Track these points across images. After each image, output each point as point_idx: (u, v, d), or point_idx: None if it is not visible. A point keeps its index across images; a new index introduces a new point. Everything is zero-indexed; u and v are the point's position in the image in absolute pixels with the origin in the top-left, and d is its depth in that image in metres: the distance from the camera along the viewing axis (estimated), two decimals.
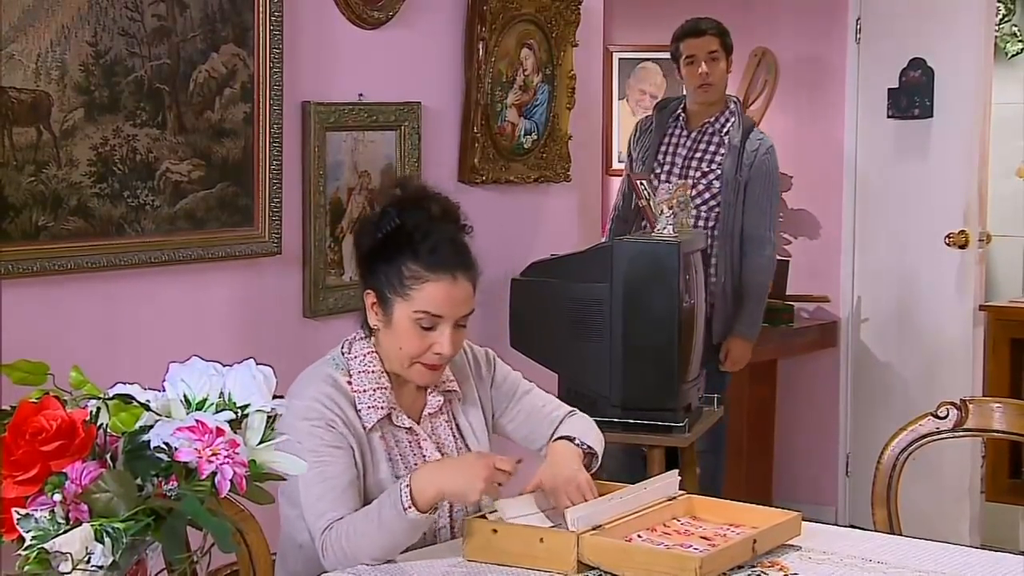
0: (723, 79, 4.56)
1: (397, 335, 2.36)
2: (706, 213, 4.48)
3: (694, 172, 4.50)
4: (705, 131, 4.55)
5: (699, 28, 4.57)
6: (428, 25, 3.72)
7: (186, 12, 3.02)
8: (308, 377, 2.40)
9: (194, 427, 1.49)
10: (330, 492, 2.28)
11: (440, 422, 2.48)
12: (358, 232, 2.52)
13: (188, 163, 3.06)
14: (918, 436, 2.69)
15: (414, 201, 2.43)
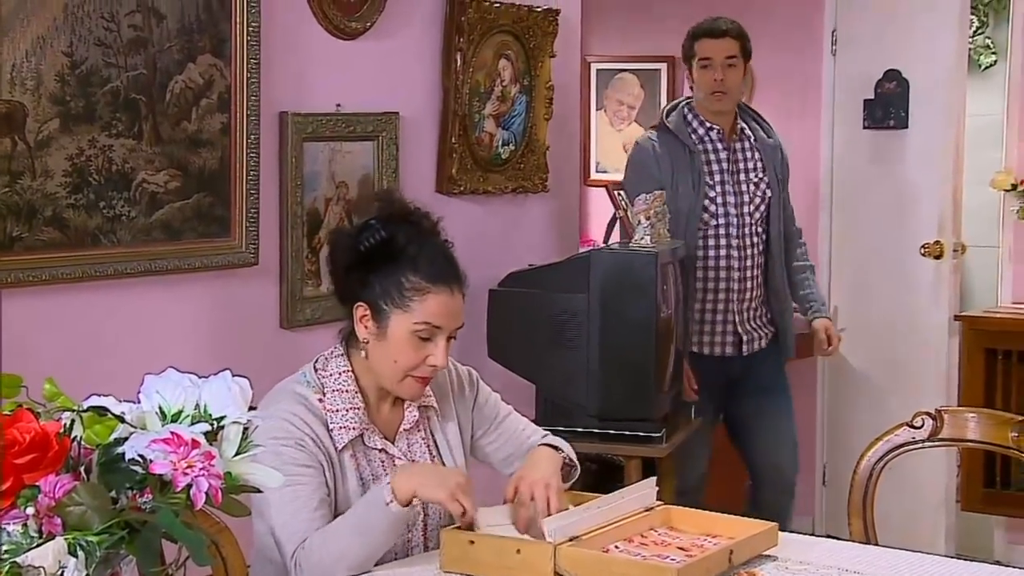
0: (739, 87, 4.19)
1: (392, 348, 2.35)
2: (761, 227, 4.19)
3: (745, 185, 4.17)
4: (739, 138, 4.22)
5: (718, 29, 4.14)
6: (406, 36, 3.72)
7: (163, 22, 3.02)
8: (277, 395, 2.38)
9: (169, 439, 1.48)
10: (302, 511, 2.27)
11: (416, 438, 2.47)
12: (335, 246, 2.49)
13: (164, 173, 3.05)
14: (894, 446, 2.71)
15: (402, 215, 2.43)
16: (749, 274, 4.15)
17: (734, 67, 4.09)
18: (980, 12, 6.08)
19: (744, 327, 4.16)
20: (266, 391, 2.36)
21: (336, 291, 2.47)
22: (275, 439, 2.27)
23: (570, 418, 3.72)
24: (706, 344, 4.15)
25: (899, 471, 2.84)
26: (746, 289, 4.14)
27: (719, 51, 4.09)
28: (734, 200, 4.12)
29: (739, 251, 4.12)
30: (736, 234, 4.12)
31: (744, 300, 4.15)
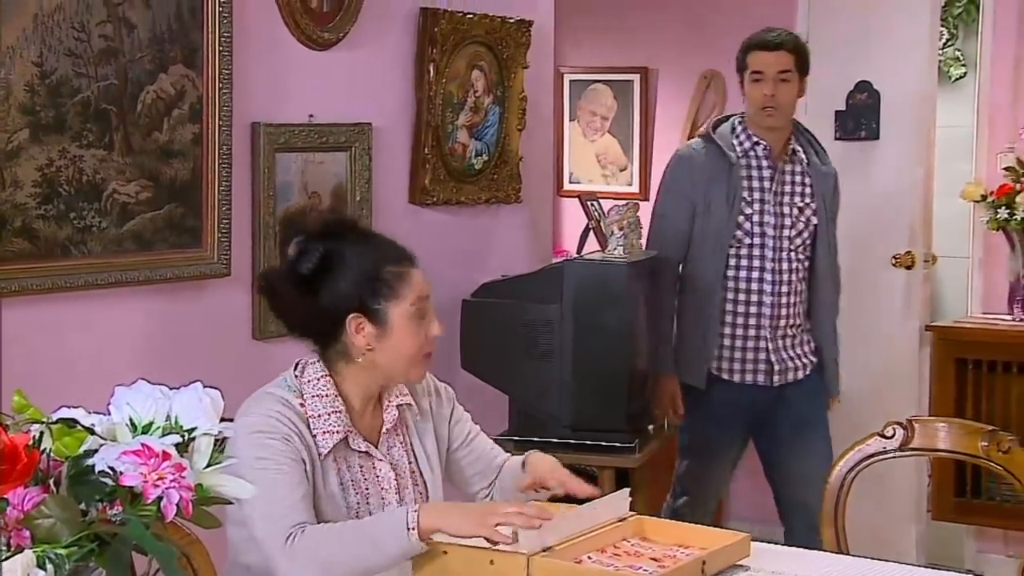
0: (791, 103, 3.91)
1: (398, 339, 2.37)
2: (803, 255, 3.96)
3: (788, 208, 3.92)
4: (788, 159, 3.96)
5: (771, 41, 3.89)
6: (378, 46, 3.72)
7: (133, 33, 3.01)
8: (259, 397, 2.38)
9: (140, 451, 1.47)
10: (286, 499, 2.26)
11: (396, 442, 2.47)
12: (276, 293, 2.42)
13: (135, 184, 3.04)
14: (865, 456, 2.72)
15: (323, 226, 2.43)
16: (786, 300, 3.91)
17: (787, 82, 3.87)
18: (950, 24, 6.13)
19: (778, 355, 3.94)
20: (239, 402, 2.35)
21: (304, 324, 2.42)
22: (261, 432, 2.28)
23: (543, 428, 3.72)
24: (736, 371, 3.93)
25: (870, 480, 2.85)
26: (781, 316, 3.92)
27: (772, 65, 3.86)
28: (773, 221, 3.89)
29: (775, 275, 3.90)
30: (772, 257, 3.89)
31: (779, 327, 3.92)
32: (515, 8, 4.17)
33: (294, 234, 2.42)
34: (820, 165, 3.98)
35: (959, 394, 5.06)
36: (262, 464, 2.25)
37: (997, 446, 2.62)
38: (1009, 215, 4.98)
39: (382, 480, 2.41)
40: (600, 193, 5.31)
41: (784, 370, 3.94)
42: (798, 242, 3.92)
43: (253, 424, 2.29)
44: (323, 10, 3.51)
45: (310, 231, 2.41)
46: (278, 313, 2.48)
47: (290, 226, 2.45)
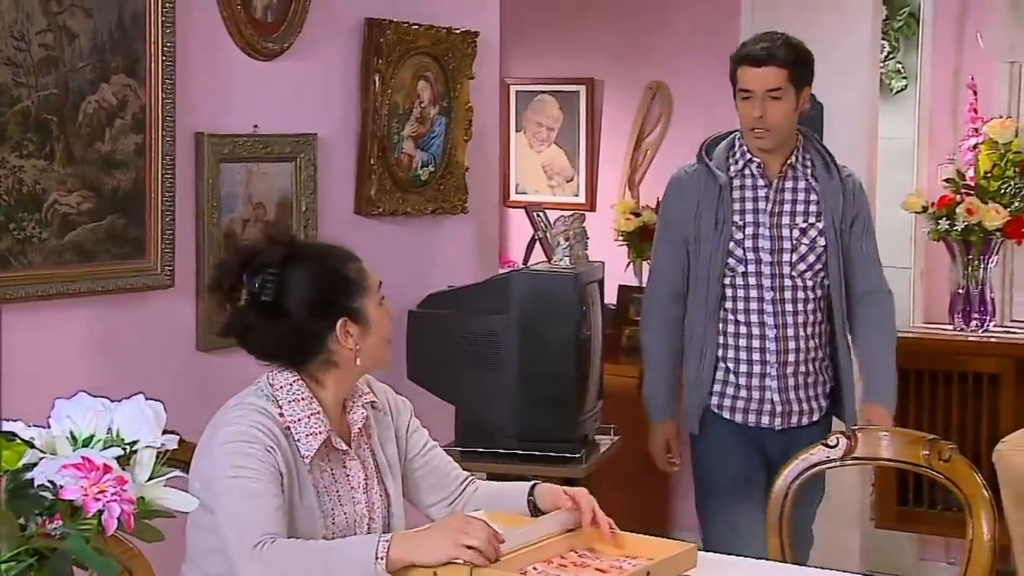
0: (784, 122, 3.48)
1: (377, 328, 2.44)
2: (811, 281, 3.55)
3: (788, 230, 3.53)
4: (787, 176, 3.57)
5: (757, 56, 3.47)
6: (324, 57, 3.71)
7: (75, 42, 2.98)
8: (238, 406, 2.38)
9: (80, 464, 1.46)
10: (263, 508, 2.25)
11: (364, 444, 2.49)
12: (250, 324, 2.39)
13: (77, 195, 3.01)
14: (809, 465, 2.74)
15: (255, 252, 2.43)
16: (794, 332, 3.53)
17: (779, 100, 3.45)
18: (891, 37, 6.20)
19: (785, 395, 3.55)
20: (183, 414, 2.32)
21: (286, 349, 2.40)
22: (241, 442, 2.29)
23: (490, 439, 3.72)
24: (738, 410, 3.57)
25: None
26: (787, 351, 3.53)
27: (759, 82, 3.45)
28: (770, 246, 3.51)
29: (776, 305, 3.52)
30: (771, 285, 3.52)
31: (788, 363, 3.53)
32: (461, 19, 4.17)
33: (243, 267, 2.40)
34: (828, 179, 3.55)
35: (902, 403, 5.08)
36: (239, 472, 2.26)
37: (938, 455, 2.65)
38: (950, 226, 5.04)
39: (352, 479, 2.44)
40: (546, 204, 5.33)
41: (789, 412, 3.55)
42: (802, 267, 3.52)
43: (233, 433, 2.30)
44: (268, 20, 3.49)
45: (260, 261, 2.39)
46: (253, 348, 2.43)
47: (240, 262, 2.41)
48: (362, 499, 2.43)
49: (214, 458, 2.28)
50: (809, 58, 3.55)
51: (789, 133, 3.54)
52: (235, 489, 2.24)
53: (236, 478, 2.25)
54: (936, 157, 5.39)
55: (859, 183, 3.62)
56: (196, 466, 2.31)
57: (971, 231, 5.02)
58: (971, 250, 5.09)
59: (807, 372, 3.55)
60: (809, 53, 3.56)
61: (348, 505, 2.41)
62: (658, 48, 5.89)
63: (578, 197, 6.27)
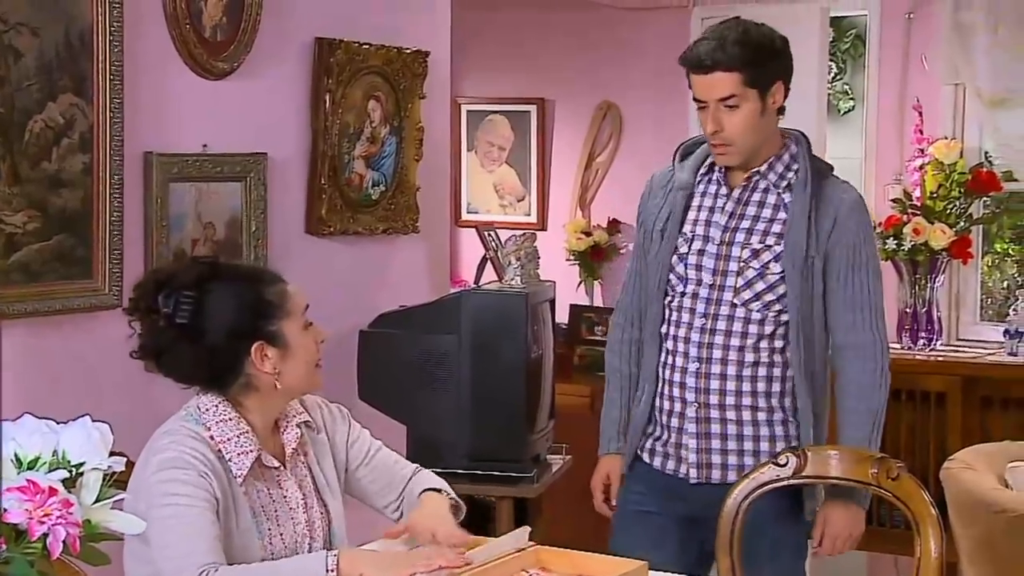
0: (748, 132, 2.88)
1: (299, 353, 2.40)
2: (761, 314, 2.90)
3: (739, 251, 2.92)
4: (753, 186, 2.96)
5: (701, 61, 2.87)
6: (274, 76, 3.70)
7: (20, 60, 2.95)
8: (169, 433, 2.35)
9: (24, 487, 1.44)
10: (201, 535, 2.22)
11: (299, 463, 2.47)
12: (164, 347, 2.37)
13: (23, 214, 2.98)
14: (759, 484, 2.75)
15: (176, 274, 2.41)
16: (718, 371, 2.91)
17: (736, 108, 2.86)
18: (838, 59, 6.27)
19: (700, 443, 2.93)
20: (130, 436, 2.30)
21: (205, 372, 2.38)
22: (175, 468, 2.26)
23: (441, 458, 3.71)
24: (657, 453, 3.01)
25: None
26: (708, 390, 2.91)
27: (709, 92, 2.87)
28: (713, 265, 2.93)
29: (704, 335, 2.92)
30: (705, 311, 2.92)
31: (707, 405, 2.92)
32: (412, 39, 4.17)
33: (158, 289, 2.37)
34: (803, 195, 2.90)
35: None
36: (174, 500, 2.23)
37: (886, 473, 2.67)
38: (897, 246, 5.10)
39: (290, 500, 2.42)
40: (498, 223, 5.34)
41: (708, 464, 2.93)
42: (747, 295, 2.90)
43: (167, 461, 2.27)
44: (217, 39, 3.48)
45: (175, 283, 2.37)
46: (169, 370, 2.40)
47: (155, 283, 2.39)
48: (301, 519, 2.41)
49: (148, 487, 2.25)
50: (771, 50, 2.91)
51: (762, 141, 2.92)
52: (170, 518, 2.21)
53: (171, 506, 2.22)
54: (883, 177, 5.45)
55: (855, 204, 2.93)
56: (131, 495, 2.28)
57: (918, 251, 5.08)
58: (918, 270, 5.15)
59: (738, 421, 2.91)
60: (773, 42, 2.92)
61: (287, 525, 2.39)
62: (609, 69, 5.92)
63: (529, 216, 6.28)
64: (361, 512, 2.66)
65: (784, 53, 2.96)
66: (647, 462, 3.01)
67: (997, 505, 3.72)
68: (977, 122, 5.32)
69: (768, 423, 2.92)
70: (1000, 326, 5.27)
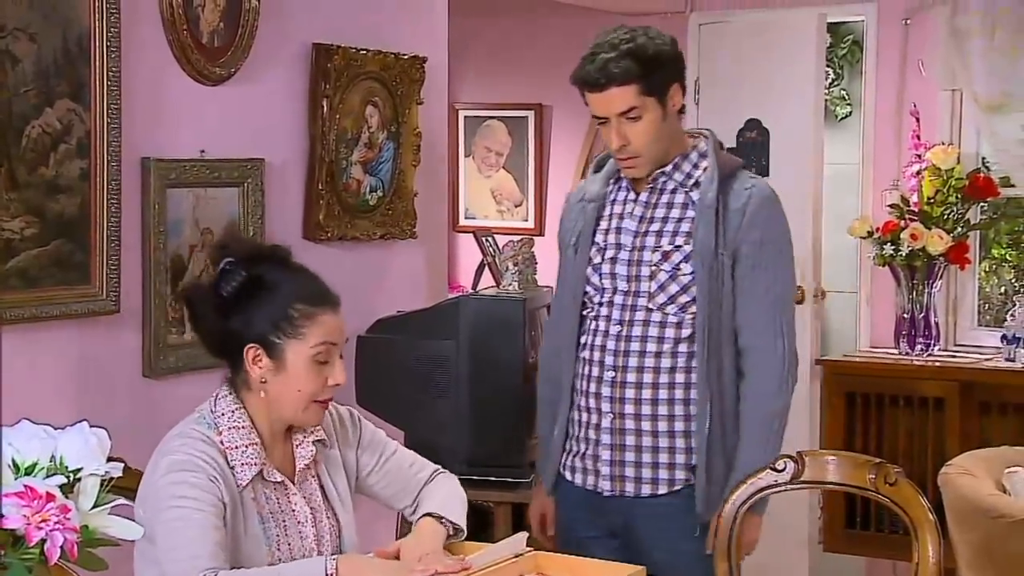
0: (654, 140, 2.83)
1: (293, 378, 2.35)
2: (678, 318, 2.85)
3: (650, 255, 2.87)
4: (660, 188, 2.91)
5: (593, 80, 2.81)
6: (271, 82, 3.70)
7: (18, 66, 2.95)
8: (181, 435, 2.35)
9: (22, 492, 1.44)
10: (203, 539, 2.22)
11: (309, 477, 2.46)
12: (195, 301, 2.45)
13: (20, 220, 2.98)
14: (757, 489, 2.75)
15: (254, 252, 2.44)
16: (633, 379, 2.86)
17: (638, 120, 2.80)
18: (836, 65, 6.28)
19: (614, 455, 2.89)
20: (128, 441, 2.30)
21: (212, 343, 2.42)
22: (184, 471, 2.26)
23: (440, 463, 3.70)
24: (578, 469, 2.97)
25: None
26: (623, 400, 2.87)
27: (607, 108, 2.82)
28: (626, 272, 2.89)
29: (619, 343, 2.88)
30: (620, 318, 2.88)
31: (622, 415, 2.87)
32: (409, 44, 4.17)
33: (224, 254, 2.41)
34: (710, 191, 2.85)
35: (848, 427, 5.16)
36: (182, 503, 2.23)
37: (884, 478, 2.66)
38: (895, 251, 5.10)
39: (298, 514, 2.41)
40: (495, 229, 5.33)
41: (621, 476, 2.88)
42: (662, 299, 2.85)
43: (176, 463, 2.27)
44: (214, 45, 3.48)
45: (239, 255, 2.40)
46: (194, 328, 2.48)
47: (222, 246, 2.47)
48: (310, 533, 2.41)
49: (157, 488, 2.25)
50: (663, 55, 2.83)
51: (669, 145, 2.87)
52: (176, 520, 2.21)
53: (178, 508, 2.22)
54: (881, 183, 5.45)
55: (764, 199, 2.88)
56: (141, 495, 2.29)
57: (915, 256, 5.09)
58: (915, 275, 5.15)
59: (653, 432, 2.84)
60: (664, 46, 2.84)
61: (295, 537, 2.39)
62: None
63: (527, 222, 6.29)
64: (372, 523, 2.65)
65: (675, 55, 2.89)
66: (568, 480, 2.96)
67: (995, 510, 3.72)
68: (974, 127, 5.32)
69: (684, 434, 2.85)
70: (998, 331, 5.27)
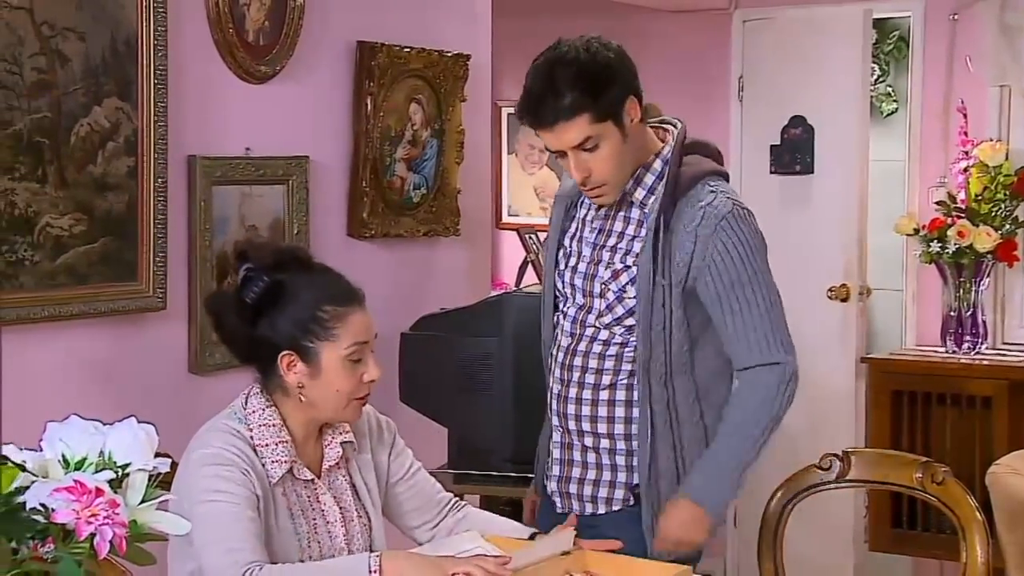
0: (617, 165, 2.59)
1: (331, 380, 2.35)
2: (623, 338, 2.67)
3: (603, 271, 2.68)
4: (621, 199, 2.68)
5: (539, 119, 2.57)
6: (316, 80, 3.72)
7: (67, 65, 2.98)
8: (212, 429, 2.36)
9: (72, 487, 1.45)
10: (242, 534, 2.22)
11: (338, 476, 2.46)
12: (219, 311, 2.42)
13: (69, 217, 3.00)
14: (802, 487, 2.73)
15: (275, 257, 2.41)
16: (574, 394, 2.71)
17: (595, 150, 2.56)
18: (881, 61, 6.23)
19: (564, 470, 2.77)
20: (175, 437, 2.32)
21: (241, 351, 2.42)
22: (217, 465, 2.26)
23: (483, 462, 3.71)
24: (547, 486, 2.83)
25: (808, 512, 2.87)
26: (567, 415, 2.73)
27: (560, 143, 2.57)
28: (581, 284, 2.71)
29: (568, 357, 2.73)
30: (571, 331, 2.73)
31: (568, 431, 2.74)
32: (453, 42, 4.18)
33: (243, 261, 2.40)
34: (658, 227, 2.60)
35: (895, 426, 5.11)
36: (217, 497, 2.23)
37: (931, 478, 2.64)
38: (941, 248, 5.05)
39: (327, 512, 2.41)
40: (538, 226, 5.32)
41: (566, 493, 2.77)
42: (608, 319, 2.66)
43: (208, 457, 2.28)
44: (260, 43, 3.50)
45: (259, 261, 2.39)
46: (221, 337, 2.47)
47: (241, 253, 2.43)
48: (339, 532, 2.40)
49: (190, 483, 2.26)
50: (608, 73, 2.59)
51: (635, 161, 2.64)
52: (212, 514, 2.21)
53: (212, 502, 2.22)
54: (927, 180, 5.40)
55: (721, 218, 2.59)
56: (174, 490, 2.29)
57: (963, 254, 5.03)
58: (963, 273, 5.10)
59: (595, 448, 2.71)
60: (607, 61, 2.60)
61: (324, 536, 2.39)
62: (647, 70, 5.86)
63: None
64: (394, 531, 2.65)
65: (621, 66, 2.63)
66: (544, 485, 2.83)
67: None
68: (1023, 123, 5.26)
69: (627, 453, 2.67)
70: None
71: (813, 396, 5.17)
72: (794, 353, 2.68)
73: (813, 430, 5.10)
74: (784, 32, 5.39)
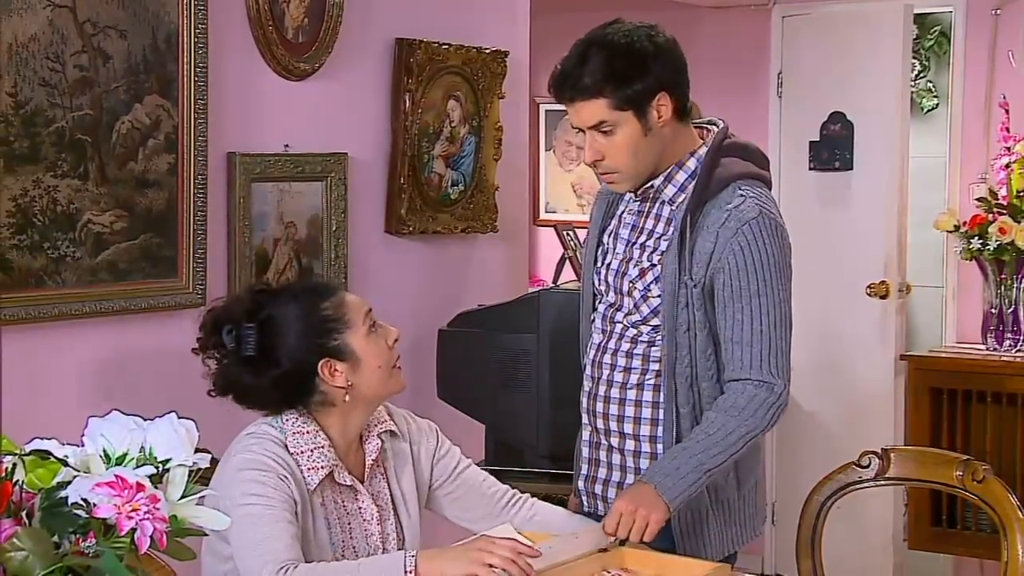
0: (631, 155, 2.53)
1: (370, 360, 2.38)
2: (649, 337, 2.63)
3: (633, 269, 2.63)
4: (652, 198, 2.64)
5: (559, 91, 2.56)
6: (354, 77, 3.73)
7: (109, 63, 3.00)
8: (250, 436, 2.37)
9: (113, 482, 1.46)
10: (282, 535, 2.23)
11: (379, 476, 2.47)
12: (236, 386, 2.39)
13: (110, 214, 3.03)
14: (841, 485, 2.72)
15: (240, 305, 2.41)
16: (605, 393, 2.69)
17: (610, 134, 2.52)
18: (922, 57, 6.18)
19: (592, 472, 2.75)
20: (214, 433, 2.33)
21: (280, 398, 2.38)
22: (255, 470, 2.28)
23: (520, 458, 3.71)
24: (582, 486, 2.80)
25: (847, 510, 2.85)
26: (596, 414, 2.71)
27: (577, 119, 2.56)
28: (613, 282, 2.68)
29: (599, 353, 2.70)
30: (602, 328, 2.71)
31: (597, 431, 2.72)
32: (491, 39, 4.18)
33: (222, 325, 2.39)
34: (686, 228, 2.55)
35: (934, 423, 5.08)
36: (254, 500, 2.25)
37: (972, 476, 2.62)
38: (982, 245, 5.01)
39: (364, 514, 2.41)
40: (576, 223, 5.32)
41: (591, 493, 2.76)
42: (636, 318, 2.63)
43: (246, 461, 2.29)
44: (299, 40, 3.51)
45: (234, 317, 2.39)
46: (250, 403, 2.42)
47: (215, 321, 2.41)
48: (376, 531, 2.41)
49: (228, 486, 2.27)
50: (642, 62, 2.51)
51: (655, 161, 2.58)
52: (248, 517, 2.22)
53: (251, 505, 2.24)
54: (968, 176, 5.36)
55: (746, 222, 2.52)
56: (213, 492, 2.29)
57: (1004, 250, 4.99)
58: (1004, 269, 5.06)
59: (621, 450, 2.68)
60: (644, 52, 2.52)
61: (360, 540, 2.39)
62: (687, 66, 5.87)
63: None
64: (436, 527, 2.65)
65: (663, 59, 2.54)
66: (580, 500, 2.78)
67: None
68: None
69: (651, 456, 2.63)
70: None
71: (852, 393, 5.16)
72: (788, 380, 2.57)
73: (852, 428, 5.08)
74: (824, 28, 5.36)
